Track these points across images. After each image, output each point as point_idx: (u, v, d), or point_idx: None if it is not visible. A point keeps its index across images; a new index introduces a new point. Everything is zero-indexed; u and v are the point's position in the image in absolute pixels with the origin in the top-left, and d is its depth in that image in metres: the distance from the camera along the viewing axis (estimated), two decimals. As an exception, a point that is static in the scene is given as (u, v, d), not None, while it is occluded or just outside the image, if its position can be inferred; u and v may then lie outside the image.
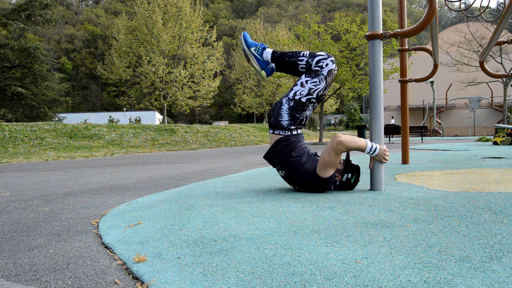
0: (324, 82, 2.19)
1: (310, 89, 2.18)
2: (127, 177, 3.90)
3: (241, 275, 0.99)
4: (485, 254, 1.06)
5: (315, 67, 2.20)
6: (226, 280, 0.96)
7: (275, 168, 2.30)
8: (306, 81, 2.19)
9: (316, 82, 2.18)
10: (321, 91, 2.20)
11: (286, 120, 2.20)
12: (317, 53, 2.22)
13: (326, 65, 2.18)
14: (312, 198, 1.98)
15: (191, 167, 5.06)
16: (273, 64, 2.32)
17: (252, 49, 2.32)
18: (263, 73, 2.33)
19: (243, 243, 1.25)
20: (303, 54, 2.24)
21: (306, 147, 2.27)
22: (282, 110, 2.21)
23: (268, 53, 2.30)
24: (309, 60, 2.21)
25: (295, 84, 2.23)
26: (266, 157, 2.29)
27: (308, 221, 1.50)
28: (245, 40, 2.33)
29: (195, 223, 1.54)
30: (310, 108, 2.24)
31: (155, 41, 22.85)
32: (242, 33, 2.37)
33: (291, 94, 2.21)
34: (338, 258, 1.07)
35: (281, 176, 2.28)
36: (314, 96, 2.19)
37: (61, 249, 1.38)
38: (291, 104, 2.19)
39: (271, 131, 2.25)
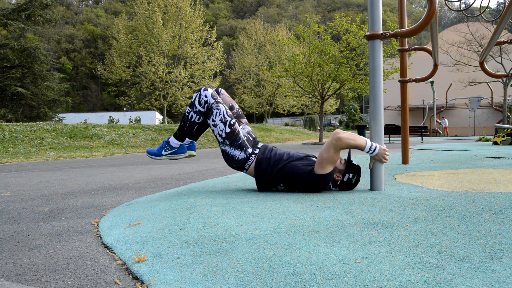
0: (220, 105, 2.24)
1: (221, 119, 2.23)
2: (127, 177, 3.90)
3: (241, 275, 0.99)
4: (485, 254, 1.06)
5: (204, 108, 2.25)
6: (226, 280, 0.96)
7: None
8: (213, 120, 2.24)
9: (217, 112, 2.23)
10: (228, 111, 2.26)
11: (239, 153, 2.23)
12: (192, 100, 2.28)
13: (205, 96, 2.24)
14: (312, 198, 1.98)
15: (191, 167, 5.06)
16: (187, 139, 2.40)
17: (163, 152, 2.38)
18: (190, 152, 2.42)
19: (243, 243, 1.25)
20: (187, 111, 2.29)
21: (284, 150, 2.29)
22: (228, 153, 2.25)
23: (173, 140, 2.36)
24: (195, 110, 2.26)
25: (213, 131, 2.29)
26: (260, 188, 2.29)
27: (308, 221, 1.50)
28: (153, 154, 2.40)
29: (195, 223, 1.54)
30: (239, 127, 2.29)
31: (155, 41, 22.84)
32: (146, 151, 2.43)
33: (219, 139, 2.26)
34: (338, 258, 1.07)
35: (281, 190, 2.27)
36: (229, 119, 2.23)
37: (61, 249, 1.38)
38: (227, 143, 2.24)
39: (244, 171, 2.29)
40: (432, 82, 18.38)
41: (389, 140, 16.49)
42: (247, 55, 33.07)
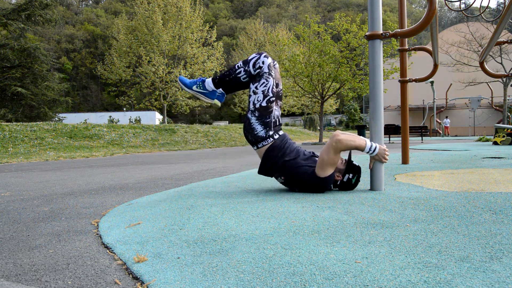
0: (271, 78, 2.21)
1: (263, 91, 2.20)
2: (127, 177, 3.90)
3: (241, 275, 0.99)
4: (485, 254, 1.06)
5: (255, 71, 2.22)
6: (226, 280, 0.96)
7: (273, 177, 2.30)
8: (256, 87, 2.21)
9: (264, 82, 2.20)
10: (274, 87, 2.22)
11: (261, 130, 2.20)
12: (249, 58, 2.25)
13: (263, 62, 2.21)
14: (312, 198, 1.98)
15: (191, 167, 5.06)
16: (220, 89, 2.35)
17: (194, 87, 2.35)
18: (216, 101, 2.37)
19: (243, 243, 1.25)
20: (238, 66, 2.26)
21: (297, 146, 2.27)
22: (252, 124, 2.22)
23: (209, 83, 2.33)
24: (246, 68, 2.23)
25: (250, 96, 2.25)
26: (261, 171, 2.28)
27: (308, 221, 1.50)
28: (184, 83, 2.36)
29: (195, 223, 1.54)
30: (274, 107, 2.25)
31: (155, 41, 22.84)
32: (178, 78, 2.40)
33: (251, 106, 2.23)
34: (338, 258, 1.07)
35: (281, 182, 2.27)
36: (271, 94, 2.21)
37: (61, 249, 1.38)
38: (256, 114, 2.21)
39: (255, 148, 2.25)
40: (432, 82, 18.38)
41: (389, 140, 16.49)
42: (247, 55, 33.07)
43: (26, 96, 16.48)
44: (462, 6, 5.03)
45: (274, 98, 2.22)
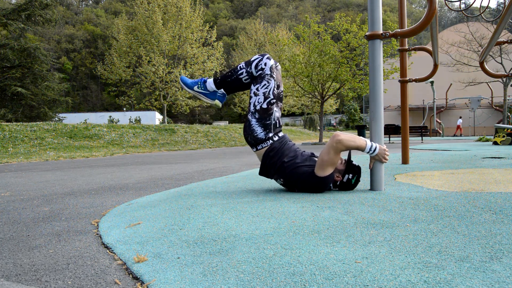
0: (273, 80, 2.21)
1: (264, 93, 2.19)
2: (127, 177, 3.90)
3: (241, 275, 0.99)
4: (485, 254, 1.06)
5: (256, 72, 2.22)
6: (226, 280, 0.96)
7: (273, 179, 2.30)
8: (257, 89, 2.20)
9: (265, 84, 2.19)
10: (275, 89, 2.22)
11: (261, 132, 2.20)
12: (251, 59, 2.25)
13: (265, 64, 2.20)
14: (312, 198, 1.98)
15: (191, 167, 5.06)
16: (222, 90, 2.35)
17: (195, 87, 2.35)
18: (217, 102, 2.37)
19: (243, 243, 1.25)
20: (240, 67, 2.26)
21: (297, 148, 2.28)
22: (252, 125, 2.22)
23: (210, 83, 2.33)
24: (248, 70, 2.23)
25: (250, 97, 2.25)
26: (261, 173, 2.28)
27: (308, 221, 1.50)
28: (185, 83, 2.36)
29: (195, 223, 1.54)
30: (275, 109, 2.24)
31: (155, 41, 22.84)
32: (180, 77, 2.39)
33: (251, 108, 2.22)
34: (338, 258, 1.07)
35: (281, 184, 2.27)
36: (272, 96, 2.20)
37: (61, 249, 1.38)
38: (256, 116, 2.21)
39: (254, 149, 2.26)
40: (432, 82, 18.38)
41: (389, 140, 16.49)
42: (247, 55, 33.08)
43: (26, 96, 16.48)
44: (462, 6, 5.03)
45: (275, 100, 2.22)
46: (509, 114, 18.99)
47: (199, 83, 2.34)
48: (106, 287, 1.01)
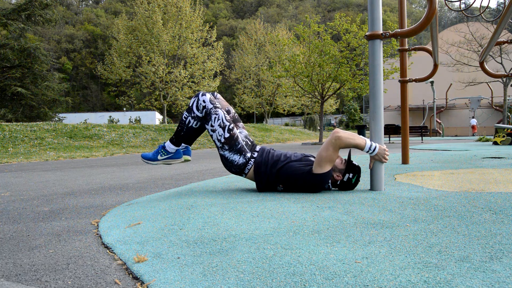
0: (219, 110, 2.24)
1: (220, 125, 2.22)
2: (127, 177, 3.90)
3: (241, 275, 0.99)
4: (485, 254, 1.06)
5: (201, 113, 2.24)
6: (226, 280, 0.96)
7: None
8: (212, 125, 2.23)
9: (215, 117, 2.22)
10: (226, 116, 2.25)
11: (238, 158, 2.23)
12: (189, 105, 2.29)
13: (204, 101, 2.23)
14: (312, 198, 1.98)
15: (191, 167, 5.06)
16: (183, 145, 2.39)
17: (159, 157, 2.38)
18: (186, 157, 2.43)
19: (243, 243, 1.25)
20: (184, 117, 2.29)
21: (281, 152, 2.29)
22: (227, 158, 2.25)
23: (169, 145, 2.37)
24: (192, 115, 2.26)
25: (211, 136, 2.28)
26: (260, 189, 2.28)
27: (308, 221, 1.50)
28: (148, 159, 2.39)
29: (195, 223, 1.54)
30: (237, 131, 2.29)
31: (155, 41, 22.84)
32: (141, 155, 2.42)
33: (218, 144, 2.25)
34: (338, 258, 1.07)
35: (281, 190, 2.27)
36: (227, 124, 2.23)
37: (61, 249, 1.38)
38: (226, 148, 2.23)
39: (243, 176, 2.29)
40: (432, 82, 18.39)
41: (389, 140, 16.49)
42: (247, 55, 33.07)
43: (26, 96, 16.48)
44: (462, 6, 5.03)
45: (232, 125, 2.25)
46: (509, 114, 18.98)
47: (159, 151, 2.38)
48: (106, 287, 1.01)
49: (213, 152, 9.88)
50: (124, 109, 35.31)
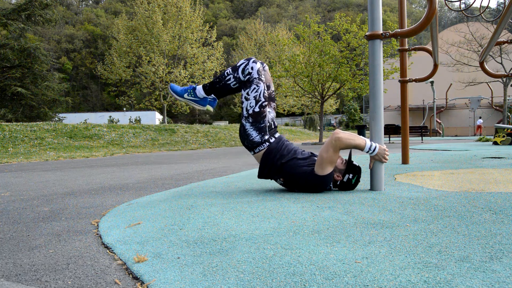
0: (262, 83, 2.21)
1: (255, 97, 2.19)
2: (127, 177, 3.90)
3: (241, 275, 0.99)
4: (485, 254, 1.06)
5: (244, 77, 2.22)
6: (226, 280, 0.96)
7: (273, 180, 2.30)
8: (247, 93, 2.21)
9: (255, 88, 2.19)
10: (265, 91, 2.22)
11: (257, 135, 2.21)
12: (237, 64, 2.25)
13: (252, 68, 2.20)
14: (312, 198, 1.98)
15: (191, 167, 5.06)
16: (212, 95, 2.35)
17: (185, 95, 2.35)
18: (208, 107, 2.39)
19: (243, 243, 1.25)
20: (227, 72, 2.25)
21: (294, 147, 2.28)
22: (247, 130, 2.22)
23: (200, 90, 2.33)
24: (235, 75, 2.23)
25: (242, 102, 2.25)
26: (261, 175, 2.28)
27: (308, 221, 1.50)
28: (175, 91, 2.36)
29: (195, 223, 1.54)
30: (268, 110, 2.25)
31: (155, 41, 22.85)
32: (169, 85, 2.38)
33: (244, 113, 2.23)
34: (338, 258, 1.07)
35: (280, 184, 2.27)
36: (263, 99, 2.20)
37: (61, 249, 1.38)
38: (250, 120, 2.21)
39: (252, 153, 2.26)
40: (432, 82, 18.38)
41: (389, 140, 16.49)
42: (247, 55, 33.08)
43: (26, 96, 16.47)
44: (462, 6, 5.03)
45: (266, 103, 2.22)
46: (509, 114, 18.98)
47: (189, 90, 2.35)
48: (106, 287, 1.01)
49: (213, 152, 9.88)
50: (124, 109, 35.30)
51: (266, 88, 2.23)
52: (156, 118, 30.90)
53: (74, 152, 9.34)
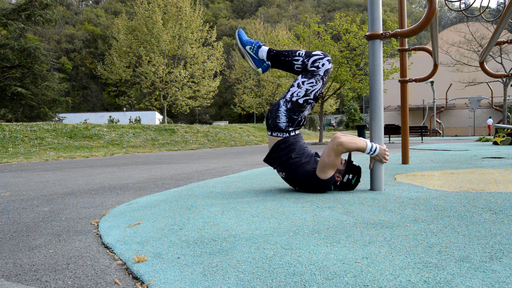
0: (321, 83, 2.18)
1: (307, 90, 2.17)
2: (127, 177, 3.90)
3: (241, 275, 0.99)
4: (485, 254, 1.06)
5: (311, 67, 2.18)
6: (226, 280, 0.96)
7: (275, 170, 2.30)
8: (303, 82, 2.18)
9: (312, 82, 2.17)
10: (318, 92, 2.20)
11: (284, 122, 2.19)
12: (313, 53, 2.21)
13: (323, 65, 2.17)
14: (312, 198, 1.98)
15: (191, 167, 5.06)
16: (269, 62, 2.30)
17: (248, 47, 2.29)
18: (259, 70, 2.32)
19: (243, 243, 1.25)
20: (299, 53, 2.22)
21: (306, 147, 2.27)
22: (279, 112, 2.19)
23: (263, 51, 2.28)
24: (305, 60, 2.19)
25: (292, 85, 2.22)
26: (267, 160, 2.28)
27: (308, 221, 1.50)
28: (240, 38, 2.31)
29: (195, 223, 1.54)
30: (308, 108, 2.23)
31: (155, 41, 22.84)
32: (237, 30, 2.34)
33: (288, 96, 2.19)
34: (338, 258, 1.07)
35: (282, 177, 2.28)
36: (311, 97, 2.18)
37: (61, 249, 1.38)
38: (288, 106, 2.18)
39: (269, 133, 2.24)
40: (432, 82, 18.38)
41: (389, 140, 16.49)
42: (247, 55, 33.03)
43: (26, 96, 16.47)
44: (462, 6, 5.03)
45: (312, 101, 2.20)
46: (509, 114, 18.98)
47: (253, 44, 2.29)
48: (106, 287, 1.01)
49: (213, 152, 9.88)
50: (124, 109, 35.31)
51: (319, 89, 2.21)
52: (156, 118, 30.91)
53: (74, 152, 9.34)
